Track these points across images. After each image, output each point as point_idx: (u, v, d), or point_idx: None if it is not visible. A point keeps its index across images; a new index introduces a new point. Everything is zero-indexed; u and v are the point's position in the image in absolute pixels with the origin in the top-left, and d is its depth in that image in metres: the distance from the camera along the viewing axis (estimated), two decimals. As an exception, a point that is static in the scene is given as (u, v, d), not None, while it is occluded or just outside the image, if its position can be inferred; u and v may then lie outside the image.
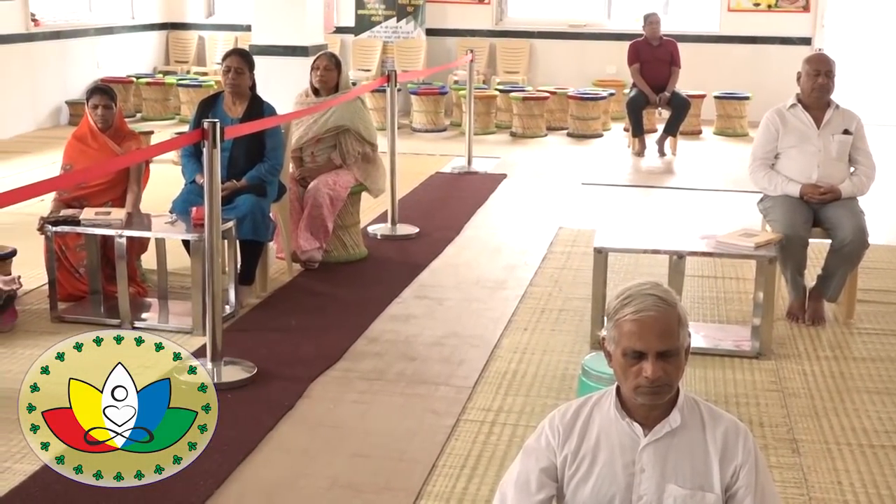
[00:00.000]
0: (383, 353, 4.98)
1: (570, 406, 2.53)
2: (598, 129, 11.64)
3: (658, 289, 2.41)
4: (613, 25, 13.12)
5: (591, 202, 8.34)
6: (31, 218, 5.59)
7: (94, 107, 5.62)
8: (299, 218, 6.18)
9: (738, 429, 2.45)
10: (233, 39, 13.15)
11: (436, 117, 11.83)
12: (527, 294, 5.88)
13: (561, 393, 4.48)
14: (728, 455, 2.41)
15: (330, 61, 6.42)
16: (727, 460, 2.40)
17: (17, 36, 11.01)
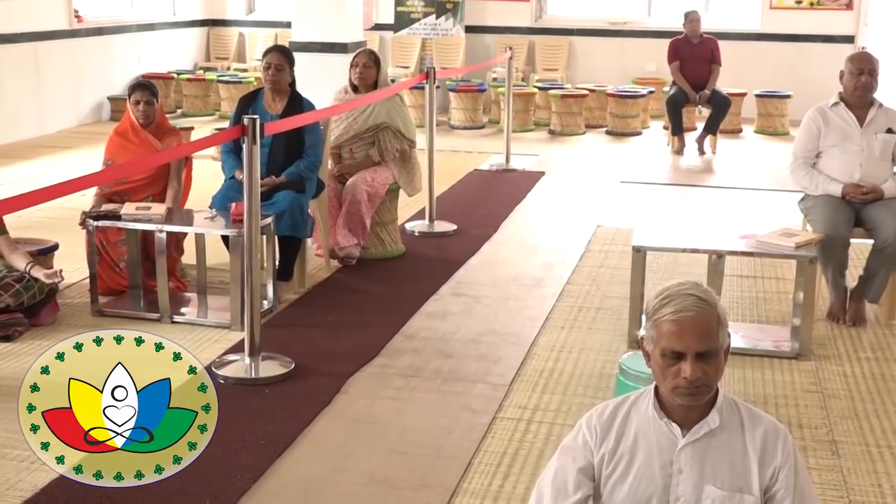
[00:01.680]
0: (420, 349, 4.98)
1: (608, 405, 2.52)
2: (637, 127, 11.58)
3: (697, 289, 2.39)
4: (654, 23, 13.05)
5: (629, 200, 8.30)
6: (72, 213, 5.66)
7: (135, 103, 5.67)
8: (337, 214, 6.20)
9: (778, 430, 2.42)
10: (273, 36, 13.20)
11: (474, 115, 11.82)
12: (564, 292, 5.87)
13: (598, 392, 4.46)
14: (767, 456, 2.39)
15: (369, 58, 6.43)
16: (766, 462, 2.38)
17: (61, 32, 11.14)
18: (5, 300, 4.98)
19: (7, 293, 4.99)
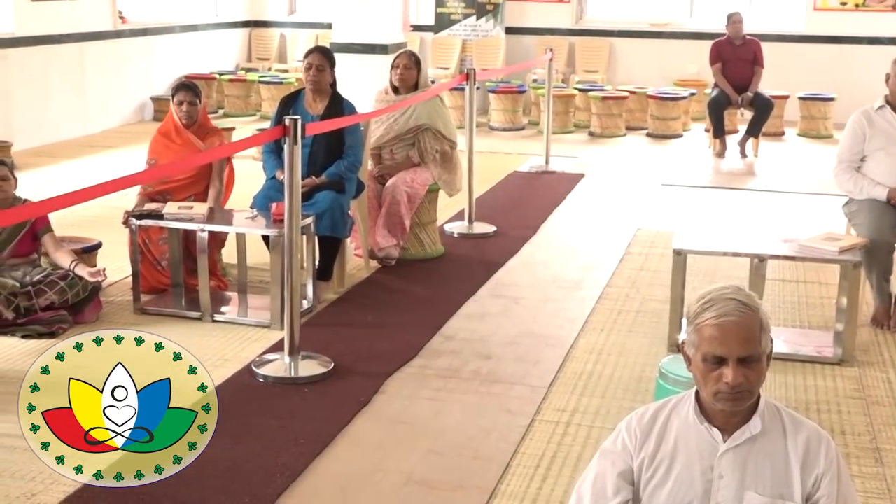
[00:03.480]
0: (459, 350, 4.98)
1: (648, 409, 2.51)
2: (678, 130, 11.51)
3: (740, 293, 2.37)
4: (695, 24, 12.96)
5: (670, 203, 8.26)
6: (116, 211, 5.72)
7: (179, 103, 5.71)
8: (377, 215, 6.21)
9: (821, 436, 2.40)
10: (314, 37, 13.27)
11: (514, 116, 11.80)
12: (604, 295, 5.84)
13: (637, 395, 4.44)
14: (809, 463, 2.36)
15: (410, 60, 6.45)
16: (809, 468, 2.36)
17: (106, 33, 11.26)
18: (50, 297, 5.05)
19: (52, 290, 5.05)
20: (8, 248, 5.16)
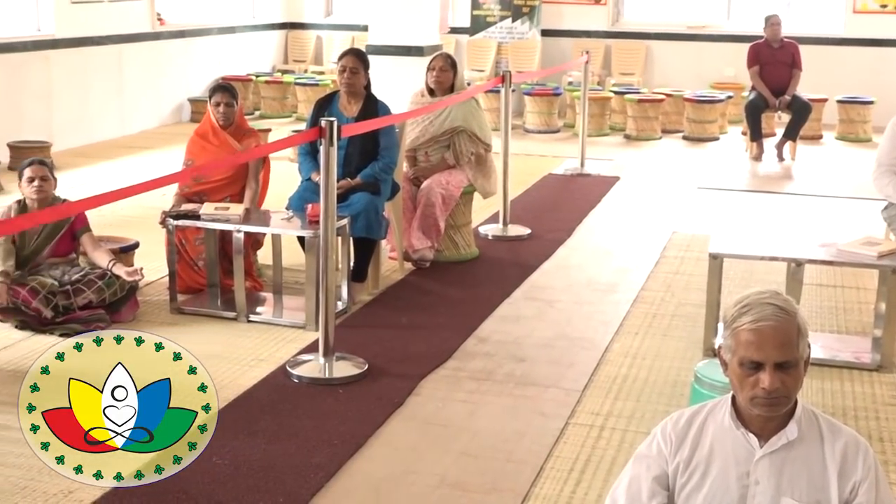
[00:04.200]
0: (493, 353, 4.98)
1: (684, 413, 2.49)
2: (714, 133, 11.43)
3: (777, 298, 2.35)
4: (733, 27, 12.87)
5: (706, 207, 8.20)
6: (153, 211, 5.76)
7: (216, 104, 5.75)
8: (412, 217, 6.22)
9: (859, 443, 2.37)
10: (350, 39, 13.31)
11: (549, 118, 11.78)
12: (639, 298, 5.82)
13: (672, 400, 4.42)
14: (847, 470, 2.34)
15: (446, 62, 6.45)
16: (846, 475, 2.34)
17: (144, 35, 11.36)
18: (88, 296, 5.10)
19: (89, 289, 5.10)
20: (47, 247, 5.21)
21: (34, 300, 4.98)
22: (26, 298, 4.98)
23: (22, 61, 9.67)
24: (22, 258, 5.16)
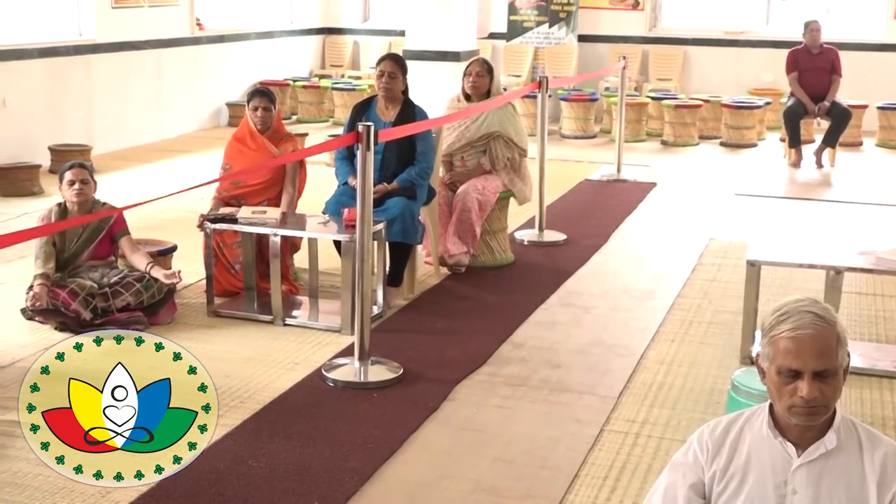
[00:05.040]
0: (528, 358, 4.97)
1: (720, 421, 2.48)
2: (752, 139, 11.36)
3: (816, 306, 2.34)
4: (771, 32, 12.78)
5: (743, 213, 8.15)
6: (191, 215, 5.80)
7: (254, 109, 5.78)
8: (448, 222, 6.23)
9: (899, 453, 2.35)
10: (386, 44, 13.33)
11: (585, 124, 11.76)
12: (675, 305, 5.79)
13: (708, 407, 4.39)
14: (886, 480, 2.32)
15: (482, 67, 6.45)
16: (885, 486, 2.31)
17: (183, 40, 11.46)
18: (126, 299, 5.14)
19: (128, 292, 5.15)
20: (87, 250, 5.26)
21: (74, 302, 5.03)
22: (66, 300, 5.03)
23: (63, 66, 9.79)
24: (62, 260, 5.22)
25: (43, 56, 9.54)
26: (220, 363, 4.77)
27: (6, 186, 8.34)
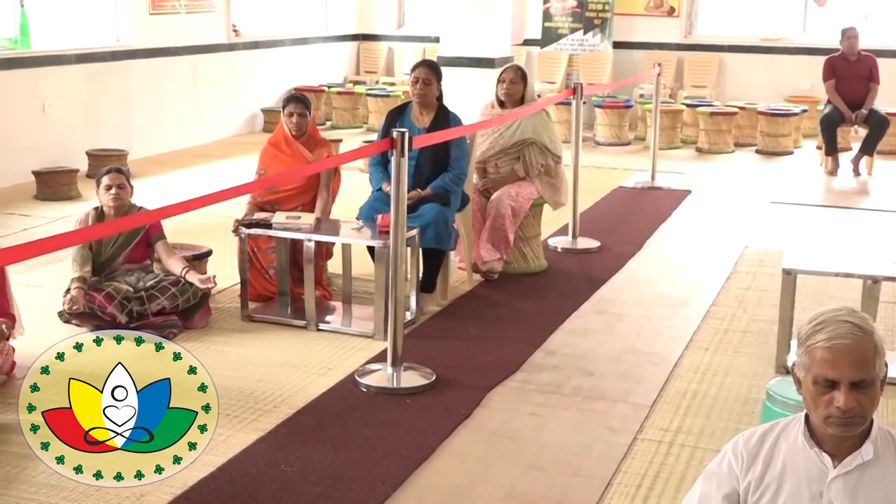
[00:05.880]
0: (561, 366, 4.95)
1: (756, 431, 2.46)
2: (788, 147, 11.27)
3: (854, 315, 2.32)
4: (808, 39, 12.68)
5: (779, 221, 8.08)
6: (226, 220, 5.83)
7: (289, 114, 5.81)
8: (481, 228, 6.22)
9: (937, 465, 2.33)
10: (421, 50, 13.37)
11: (620, 131, 11.72)
12: (709, 313, 5.75)
13: (743, 417, 4.36)
14: (925, 493, 2.29)
15: (516, 74, 6.44)
16: (923, 498, 2.29)
17: (220, 46, 11.54)
18: (161, 303, 5.18)
19: (163, 296, 5.19)
20: (123, 253, 5.31)
21: (110, 305, 5.08)
22: (102, 304, 5.08)
23: (101, 71, 9.89)
24: (98, 264, 5.26)
25: (81, 62, 9.65)
26: (254, 368, 4.81)
27: (45, 190, 8.44)
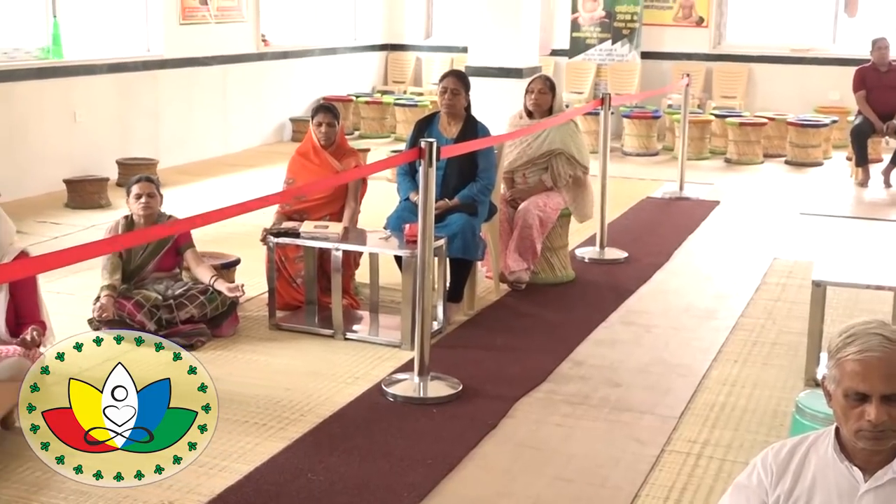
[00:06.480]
0: (588, 377, 4.93)
1: (785, 444, 2.44)
2: (818, 158, 11.20)
3: (885, 328, 2.29)
4: (838, 50, 12.60)
5: (809, 233, 8.02)
6: (254, 229, 5.86)
7: (318, 124, 5.83)
8: (508, 238, 6.21)
9: (970, 481, 2.30)
10: (449, 61, 13.39)
11: (648, 141, 11.68)
12: (738, 325, 5.72)
13: (772, 430, 4.33)
14: (956, 508, 2.27)
15: (545, 84, 6.43)
16: (955, 513, 2.26)
17: (248, 55, 11.60)
18: (190, 311, 5.20)
19: (192, 304, 5.21)
20: (152, 262, 5.33)
21: (139, 313, 5.10)
22: (131, 312, 5.11)
23: (131, 81, 9.96)
24: (128, 272, 5.29)
25: (112, 71, 9.73)
26: (281, 376, 4.82)
27: (75, 199, 8.52)
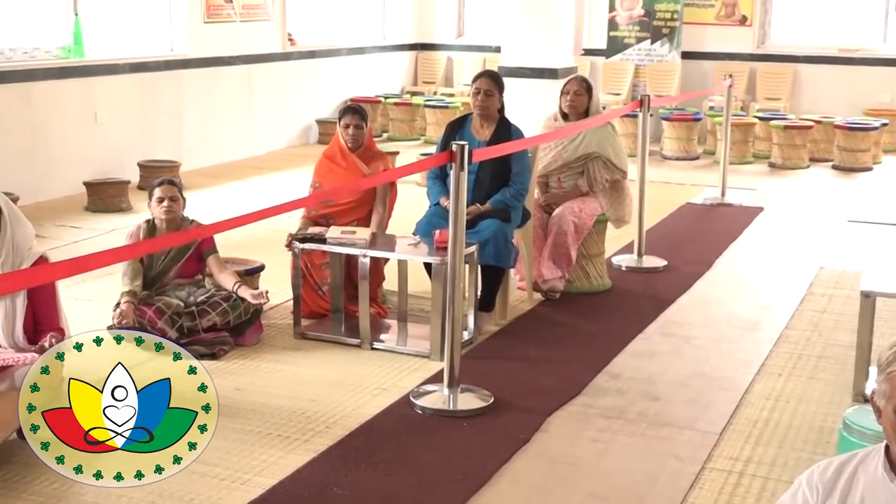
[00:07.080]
0: (625, 390, 4.79)
1: (832, 462, 2.37)
2: (867, 162, 10.98)
3: (938, 341, 2.18)
4: (889, 50, 12.35)
5: (857, 241, 7.83)
6: (279, 234, 5.74)
7: (345, 126, 5.70)
8: (542, 245, 6.07)
9: None
10: (481, 61, 13.25)
11: (688, 144, 11.50)
12: (782, 337, 5.55)
13: (818, 447, 4.18)
14: None
15: (581, 86, 6.27)
16: None
17: (275, 55, 11.48)
18: (212, 318, 5.08)
19: (214, 311, 5.08)
20: (174, 268, 5.22)
21: (160, 320, 4.98)
22: (152, 319, 4.98)
23: (154, 80, 9.85)
24: (149, 278, 5.18)
25: (134, 71, 9.62)
26: (307, 387, 4.73)
27: (96, 202, 8.43)
